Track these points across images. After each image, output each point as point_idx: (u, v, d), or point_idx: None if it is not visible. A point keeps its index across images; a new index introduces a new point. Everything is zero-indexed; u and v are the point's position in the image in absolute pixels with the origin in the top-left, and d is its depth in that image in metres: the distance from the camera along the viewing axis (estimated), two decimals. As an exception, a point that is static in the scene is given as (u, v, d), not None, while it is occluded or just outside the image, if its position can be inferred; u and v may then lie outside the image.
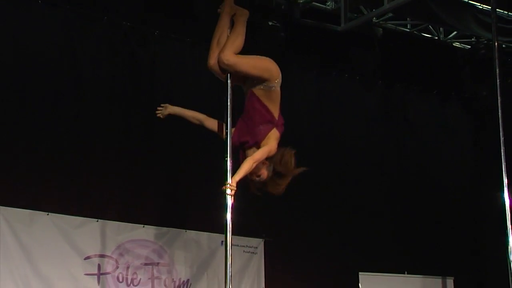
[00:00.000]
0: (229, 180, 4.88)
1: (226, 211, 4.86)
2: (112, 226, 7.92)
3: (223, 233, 4.89)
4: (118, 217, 8.00)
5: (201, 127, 5.33)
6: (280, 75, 5.06)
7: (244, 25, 5.12)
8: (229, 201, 4.87)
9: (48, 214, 7.55)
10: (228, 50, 4.97)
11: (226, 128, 4.99)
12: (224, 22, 5.12)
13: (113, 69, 8.17)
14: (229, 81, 5.04)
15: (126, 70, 8.27)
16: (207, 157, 7.52)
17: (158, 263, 8.15)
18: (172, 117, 8.43)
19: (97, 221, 7.83)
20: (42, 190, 7.60)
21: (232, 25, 5.13)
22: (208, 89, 8.08)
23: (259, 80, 5.00)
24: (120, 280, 7.88)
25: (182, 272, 8.26)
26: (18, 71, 7.62)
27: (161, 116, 5.45)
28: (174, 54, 8.61)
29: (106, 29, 8.12)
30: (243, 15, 5.16)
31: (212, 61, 5.05)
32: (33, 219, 7.47)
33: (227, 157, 4.93)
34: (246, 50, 5.06)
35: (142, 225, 8.11)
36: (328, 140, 9.50)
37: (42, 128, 7.64)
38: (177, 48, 8.60)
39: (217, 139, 5.16)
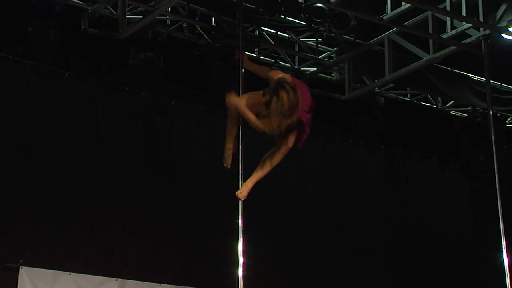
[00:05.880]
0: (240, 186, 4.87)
1: (238, 269, 4.82)
2: (130, 285, 7.82)
3: (235, 290, 4.81)
4: (136, 276, 7.91)
5: None
6: None
7: None
8: (240, 259, 4.77)
9: (70, 274, 7.48)
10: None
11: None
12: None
13: (133, 135, 8.25)
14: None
15: (145, 136, 8.34)
16: (220, 218, 7.45)
17: (173, 320, 7.99)
18: (187, 180, 8.43)
19: (116, 280, 7.74)
20: (64, 251, 7.56)
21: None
22: (221, 152, 8.06)
23: None
24: (138, 335, 7.73)
25: (195, 329, 8.09)
26: (47, 138, 7.70)
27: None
28: (189, 121, 8.69)
29: (127, 99, 8.24)
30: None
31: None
32: (56, 278, 7.40)
33: (238, 218, 4.89)
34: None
35: (159, 284, 7.98)
36: (334, 201, 9.43)
37: (66, 192, 7.64)
38: (192, 116, 8.68)
39: (229, 200, 5.05)
